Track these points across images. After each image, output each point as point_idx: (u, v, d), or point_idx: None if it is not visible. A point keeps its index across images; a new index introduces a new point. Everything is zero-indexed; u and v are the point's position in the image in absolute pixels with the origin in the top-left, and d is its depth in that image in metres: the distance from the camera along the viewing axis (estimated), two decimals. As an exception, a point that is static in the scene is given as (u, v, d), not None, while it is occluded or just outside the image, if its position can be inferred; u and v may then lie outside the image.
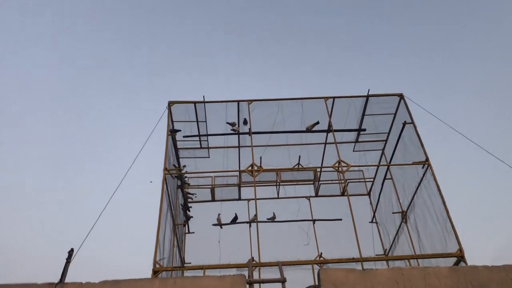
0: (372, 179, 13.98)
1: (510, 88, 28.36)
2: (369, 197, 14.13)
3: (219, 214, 12.90)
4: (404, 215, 11.85)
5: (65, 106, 29.59)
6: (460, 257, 8.44)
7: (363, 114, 12.41)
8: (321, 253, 10.94)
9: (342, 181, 13.41)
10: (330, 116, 11.87)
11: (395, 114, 12.12)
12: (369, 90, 11.86)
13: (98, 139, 30.38)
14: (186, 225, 13.11)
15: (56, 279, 6.83)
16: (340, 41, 32.80)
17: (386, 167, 12.66)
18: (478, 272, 7.00)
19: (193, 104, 11.83)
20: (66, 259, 7.17)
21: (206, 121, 12.44)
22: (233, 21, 32.64)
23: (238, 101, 11.86)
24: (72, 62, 29.39)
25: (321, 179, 13.95)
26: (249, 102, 11.76)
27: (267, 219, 12.52)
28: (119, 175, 9.29)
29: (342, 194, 13.78)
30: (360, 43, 32.57)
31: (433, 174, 10.00)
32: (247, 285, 6.93)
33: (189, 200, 13.35)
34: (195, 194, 13.55)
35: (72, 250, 7.30)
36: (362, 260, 8.52)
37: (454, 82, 29.94)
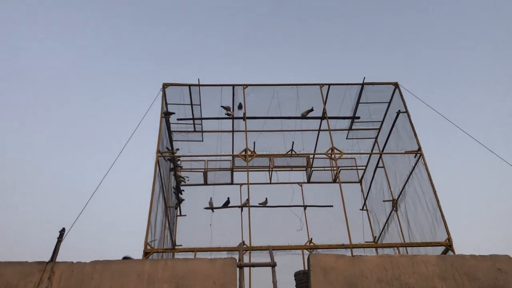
0: (364, 167, 14.06)
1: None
2: (361, 185, 14.22)
3: (211, 198, 12.93)
4: (394, 203, 11.95)
5: (58, 86, 29.36)
6: (448, 246, 8.56)
7: (358, 102, 12.42)
8: (311, 238, 11.05)
9: (335, 168, 13.47)
10: (324, 103, 11.86)
11: (389, 103, 12.14)
12: (364, 78, 11.87)
13: (91, 120, 30.22)
14: (178, 208, 13.14)
15: (47, 258, 6.85)
16: (338, 30, 32.62)
17: (379, 155, 12.73)
18: (465, 261, 7.10)
19: (188, 87, 11.74)
20: (58, 238, 7.16)
21: (200, 105, 12.37)
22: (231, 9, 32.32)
23: (233, 85, 11.81)
24: (67, 43, 29.10)
25: (313, 165, 14.02)
26: (244, 86, 11.71)
27: (259, 204, 12.58)
28: (112, 156, 9.26)
29: (334, 181, 13.86)
30: (358, 31, 32.42)
31: (425, 164, 10.07)
32: (238, 269, 6.98)
33: (182, 183, 13.35)
34: (188, 177, 13.55)
35: (63, 229, 7.28)
36: (351, 246, 8.62)
37: (453, 73, 30.01)
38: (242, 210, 12.34)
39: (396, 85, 11.68)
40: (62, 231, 7.24)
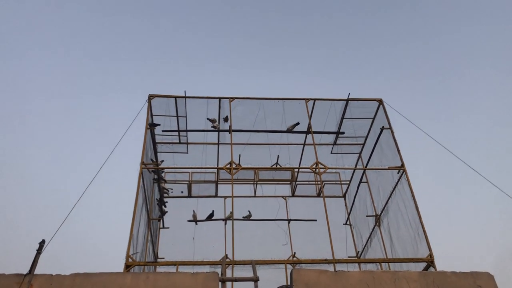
0: (348, 182, 14.14)
1: (488, 100, 28.98)
2: (344, 199, 14.29)
3: (194, 211, 12.85)
4: (377, 219, 12.03)
5: (43, 94, 29.06)
6: (430, 262, 8.62)
7: (343, 118, 12.54)
8: (295, 253, 11.03)
9: (319, 182, 13.52)
10: (310, 118, 11.95)
11: (373, 119, 12.28)
12: (349, 94, 12.01)
13: (75, 130, 29.90)
14: (161, 220, 13.02)
15: (25, 270, 6.72)
16: (326, 44, 33.02)
17: (362, 170, 12.82)
18: (446, 278, 7.17)
19: (174, 98, 11.74)
20: (37, 250, 7.04)
21: (186, 117, 12.35)
22: (220, 20, 32.53)
23: (220, 98, 11.83)
24: (53, 50, 28.93)
25: (298, 179, 14.05)
26: (231, 99, 11.75)
27: (243, 217, 12.53)
28: (96, 167, 9.18)
29: (318, 195, 13.90)
30: (345, 46, 32.84)
31: (407, 180, 10.18)
32: (220, 283, 6.94)
33: (165, 195, 13.25)
34: (172, 189, 13.46)
35: (43, 241, 7.17)
36: (334, 261, 8.62)
37: (438, 90, 30.48)
38: (226, 224, 12.28)
39: (380, 101, 11.85)
40: (42, 243, 7.12)
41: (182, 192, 13.58)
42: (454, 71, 30.11)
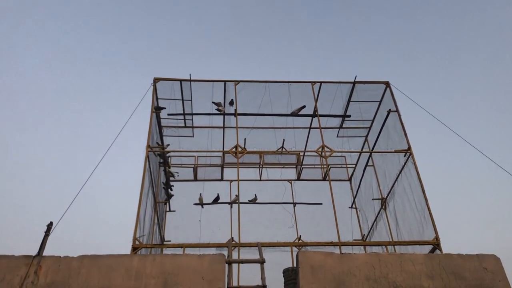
0: (354, 165, 14.11)
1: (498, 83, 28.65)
2: (350, 183, 14.27)
3: (200, 194, 12.91)
4: (383, 202, 12.02)
5: (50, 79, 29.06)
6: (436, 245, 8.63)
7: (349, 101, 12.44)
8: (300, 235, 11.08)
9: (325, 166, 13.50)
10: (316, 101, 11.86)
11: (380, 102, 12.18)
12: (356, 76, 11.89)
13: (83, 114, 29.96)
14: (167, 203, 13.08)
15: (34, 252, 6.80)
16: (331, 28, 32.65)
17: (368, 154, 12.78)
18: (452, 260, 7.18)
19: (179, 82, 11.66)
20: (45, 232, 7.12)
21: (191, 100, 12.29)
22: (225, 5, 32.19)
23: (225, 81, 11.74)
24: (58, 35, 28.79)
25: (304, 163, 14.04)
26: (236, 82, 11.66)
27: (249, 200, 12.58)
28: (102, 150, 9.20)
29: (324, 179, 13.90)
30: (350, 31, 32.48)
31: (414, 163, 10.12)
32: (226, 265, 6.99)
33: (171, 178, 13.30)
34: (178, 172, 13.49)
35: (51, 223, 7.23)
36: (340, 244, 8.64)
37: (447, 74, 30.16)
38: (231, 207, 12.33)
39: (387, 84, 11.73)
40: (50, 225, 7.19)
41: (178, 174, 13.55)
42: (464, 54, 29.74)
